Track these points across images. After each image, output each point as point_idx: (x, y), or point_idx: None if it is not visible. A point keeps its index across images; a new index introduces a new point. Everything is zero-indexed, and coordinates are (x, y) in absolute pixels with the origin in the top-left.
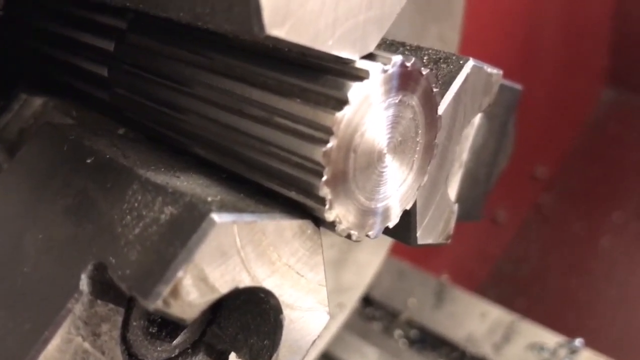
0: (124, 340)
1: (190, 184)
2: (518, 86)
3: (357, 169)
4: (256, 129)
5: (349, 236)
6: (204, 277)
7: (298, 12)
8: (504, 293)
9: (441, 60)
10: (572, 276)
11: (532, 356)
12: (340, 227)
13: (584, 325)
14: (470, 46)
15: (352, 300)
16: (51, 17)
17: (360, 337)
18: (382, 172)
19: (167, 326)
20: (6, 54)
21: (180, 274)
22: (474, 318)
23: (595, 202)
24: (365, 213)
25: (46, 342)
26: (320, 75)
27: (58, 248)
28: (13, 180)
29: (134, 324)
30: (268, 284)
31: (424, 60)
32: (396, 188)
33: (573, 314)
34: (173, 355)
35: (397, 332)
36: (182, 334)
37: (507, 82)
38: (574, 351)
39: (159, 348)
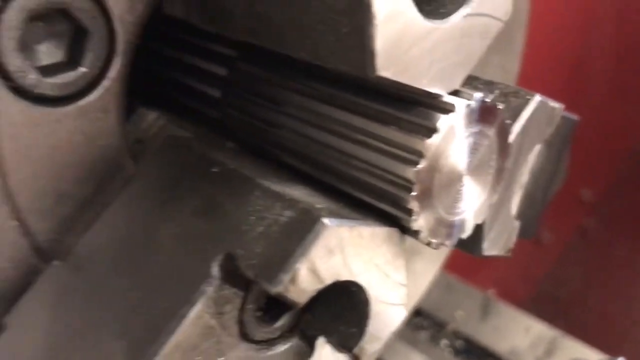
0: (239, 320)
1: (300, 193)
2: (575, 117)
3: (440, 187)
4: (354, 150)
5: (429, 243)
6: (315, 269)
7: (402, 57)
8: (544, 313)
9: (511, 94)
10: (613, 300)
11: None
12: (423, 235)
13: (623, 350)
14: (523, 73)
15: (407, 307)
16: (171, 44)
17: (408, 345)
18: (460, 190)
19: (271, 312)
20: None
21: (297, 265)
22: (518, 332)
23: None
24: (445, 224)
25: (183, 317)
26: (412, 106)
27: (190, 241)
28: (145, 184)
29: (248, 307)
30: (361, 279)
31: (496, 94)
32: (471, 204)
33: (613, 338)
34: (274, 337)
35: (444, 342)
36: (282, 319)
37: (565, 113)
38: None
39: (264, 329)
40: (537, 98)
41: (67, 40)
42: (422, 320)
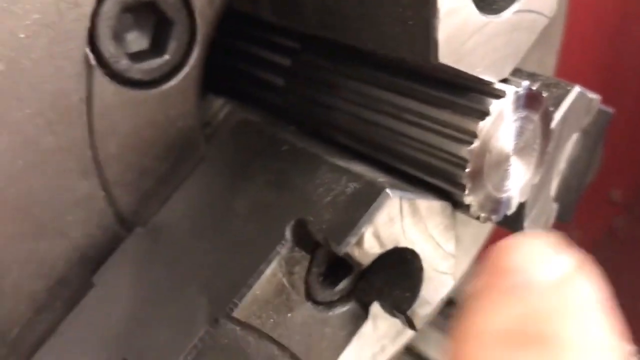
0: (306, 281)
1: (362, 169)
2: (610, 110)
3: (489, 166)
4: (411, 131)
5: (478, 217)
6: (378, 234)
7: (460, 47)
8: None
9: (552, 85)
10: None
11: None
12: (473, 210)
13: None
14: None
15: (454, 276)
16: (237, 36)
17: (441, 333)
18: (507, 169)
19: (331, 277)
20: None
21: (363, 229)
22: None
23: None
24: (493, 200)
25: (260, 273)
26: (466, 92)
27: (263, 210)
28: (218, 162)
29: (313, 269)
30: (416, 247)
31: (539, 84)
32: (517, 183)
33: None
34: (334, 300)
35: None
36: (341, 283)
37: (601, 106)
38: None
39: (325, 292)
40: (577, 89)
41: (151, 30)
42: (454, 309)
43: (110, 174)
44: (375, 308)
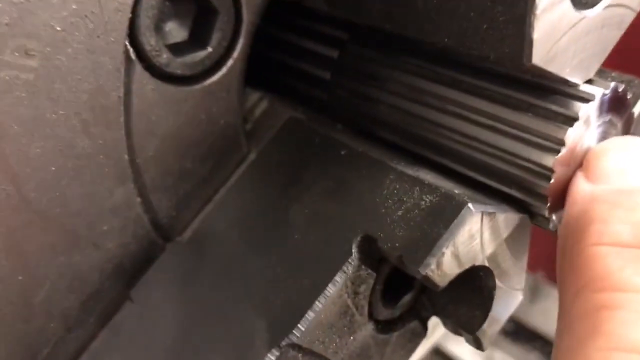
0: (369, 300)
1: (432, 178)
2: None
3: (572, 175)
4: (483, 134)
5: (556, 230)
6: (457, 254)
7: (554, 47)
8: None
9: (625, 82)
10: None
11: None
12: (553, 223)
13: None
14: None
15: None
16: (279, 26)
17: None
18: None
19: (392, 291)
20: None
21: (444, 249)
22: None
23: None
24: None
25: (326, 296)
26: (548, 94)
27: (324, 221)
28: (266, 165)
29: (377, 287)
30: (491, 263)
31: (609, 81)
32: None
33: None
34: (395, 317)
35: None
36: (403, 299)
37: None
38: None
39: (386, 309)
40: None
41: (191, 20)
42: None
43: (148, 178)
44: (434, 323)
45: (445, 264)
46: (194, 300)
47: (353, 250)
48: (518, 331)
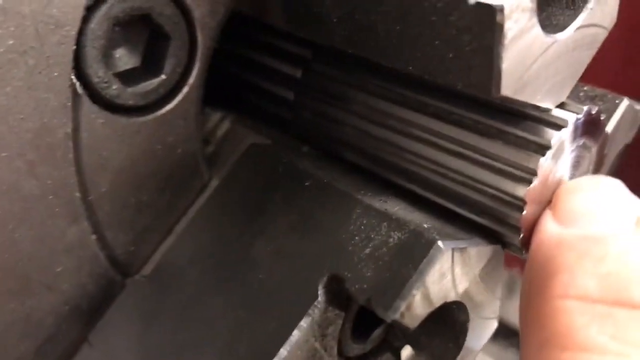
0: (339, 340)
1: (400, 210)
2: None
3: (545, 204)
4: (452, 162)
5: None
6: (428, 294)
7: (523, 75)
8: None
9: (597, 98)
10: None
11: None
12: (525, 252)
13: None
14: None
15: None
16: (241, 43)
17: None
18: None
19: (362, 325)
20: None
21: (414, 292)
22: None
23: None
24: None
25: (291, 341)
26: (519, 120)
27: (289, 259)
28: (229, 194)
29: (346, 326)
30: (464, 297)
31: (581, 98)
32: None
33: None
34: (366, 352)
35: None
36: (373, 334)
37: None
38: None
39: (357, 345)
40: (626, 102)
41: (143, 46)
42: None
43: (103, 214)
44: (406, 353)
45: (416, 306)
46: (154, 344)
47: (319, 292)
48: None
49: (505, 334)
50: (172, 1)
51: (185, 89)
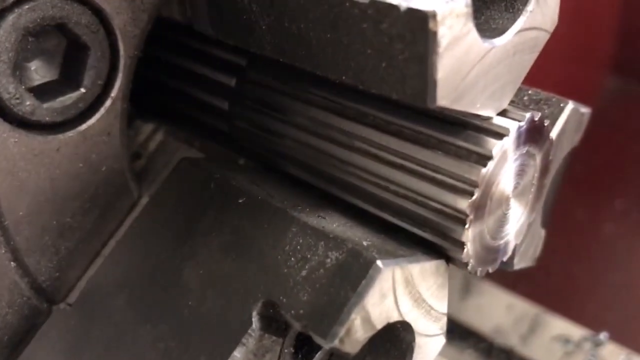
0: None
1: (339, 227)
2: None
3: (489, 214)
4: (392, 174)
5: (475, 272)
6: (368, 317)
7: (460, 84)
8: (507, 276)
9: (542, 102)
10: (574, 262)
11: (558, 348)
12: (471, 265)
13: (585, 310)
14: None
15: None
16: (172, 49)
17: None
18: (506, 213)
19: (304, 350)
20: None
21: (353, 316)
22: (500, 310)
23: (598, 190)
24: (491, 251)
25: None
26: (459, 130)
27: (221, 283)
28: (158, 214)
29: (285, 351)
30: (408, 317)
31: (525, 101)
32: (514, 226)
33: (575, 298)
34: None
35: None
36: (316, 356)
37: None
38: (598, 344)
39: None
40: (570, 105)
41: (61, 57)
42: None
43: (21, 240)
44: None
45: (356, 331)
46: None
47: (253, 319)
48: (452, 329)
49: (461, 335)
50: (90, 9)
51: (108, 103)
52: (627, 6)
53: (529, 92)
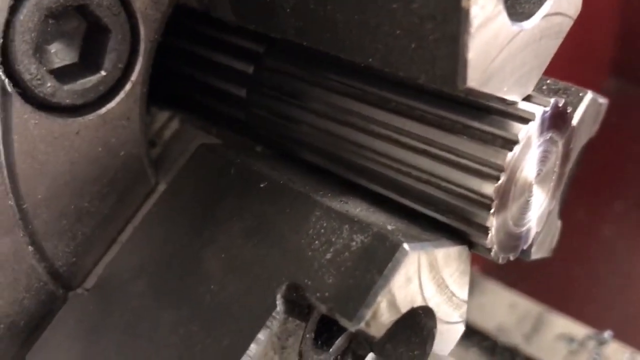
0: (299, 351)
1: (362, 211)
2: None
3: (513, 200)
4: (416, 160)
5: (497, 259)
6: (394, 300)
7: (490, 66)
8: (508, 277)
9: (560, 91)
10: (574, 263)
11: (562, 346)
12: (494, 252)
13: (585, 310)
14: None
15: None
16: (189, 37)
17: None
18: (529, 200)
19: (324, 336)
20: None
21: (379, 299)
22: (503, 309)
23: (597, 191)
24: (514, 237)
25: (249, 356)
26: (483, 114)
27: (243, 268)
28: (177, 199)
29: (307, 336)
30: (431, 302)
31: (544, 91)
32: (536, 213)
33: (575, 299)
34: None
35: None
36: (336, 342)
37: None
38: (602, 343)
39: (319, 356)
40: (590, 95)
41: (81, 40)
42: None
43: (40, 223)
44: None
45: (382, 314)
46: None
47: (277, 302)
48: None
49: (466, 333)
50: None
51: (128, 86)
52: (626, 8)
53: (548, 81)
